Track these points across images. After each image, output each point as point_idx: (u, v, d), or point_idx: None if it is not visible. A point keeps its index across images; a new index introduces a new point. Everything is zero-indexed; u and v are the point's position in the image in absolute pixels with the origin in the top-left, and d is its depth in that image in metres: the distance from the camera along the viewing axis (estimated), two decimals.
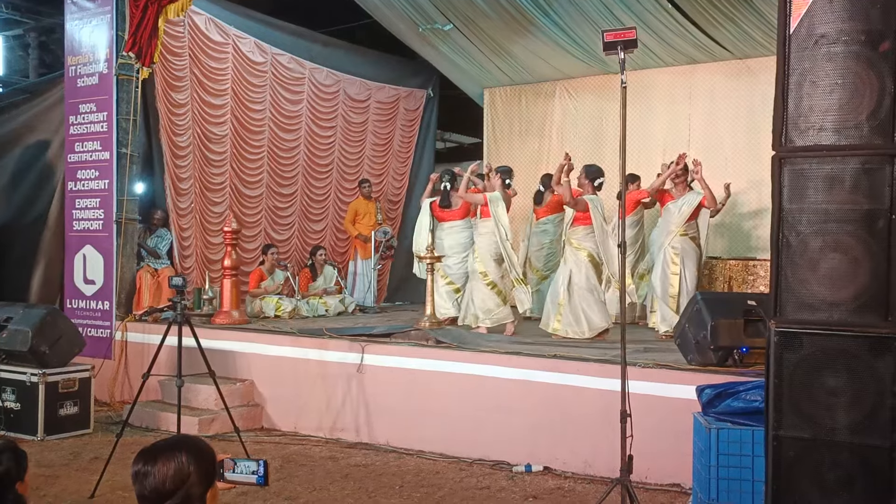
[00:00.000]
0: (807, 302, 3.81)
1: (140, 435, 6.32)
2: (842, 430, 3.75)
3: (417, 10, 9.69)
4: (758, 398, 4.34)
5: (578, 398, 5.59)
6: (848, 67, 3.71)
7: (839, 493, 3.76)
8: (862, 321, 3.70)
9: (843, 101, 3.73)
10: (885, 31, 3.68)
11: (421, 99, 12.12)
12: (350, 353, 6.64)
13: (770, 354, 3.88)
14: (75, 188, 8.32)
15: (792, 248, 3.84)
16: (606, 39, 3.94)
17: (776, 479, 3.89)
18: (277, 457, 5.97)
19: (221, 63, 9.42)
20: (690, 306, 5.68)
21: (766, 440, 3.93)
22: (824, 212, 3.77)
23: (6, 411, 6.60)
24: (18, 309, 6.91)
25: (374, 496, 5.08)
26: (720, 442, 4.39)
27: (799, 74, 3.83)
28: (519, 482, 5.39)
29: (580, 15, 9.13)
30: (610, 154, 10.41)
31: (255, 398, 7.09)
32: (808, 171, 3.81)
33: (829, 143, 3.77)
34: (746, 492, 4.33)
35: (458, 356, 6.23)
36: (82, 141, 8.28)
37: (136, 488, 2.05)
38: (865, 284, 3.70)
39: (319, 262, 9.77)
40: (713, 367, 5.27)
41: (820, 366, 3.78)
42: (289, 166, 10.44)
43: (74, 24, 8.38)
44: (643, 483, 5.08)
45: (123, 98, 8.09)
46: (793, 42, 3.84)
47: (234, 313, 7.80)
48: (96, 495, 4.97)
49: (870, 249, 3.69)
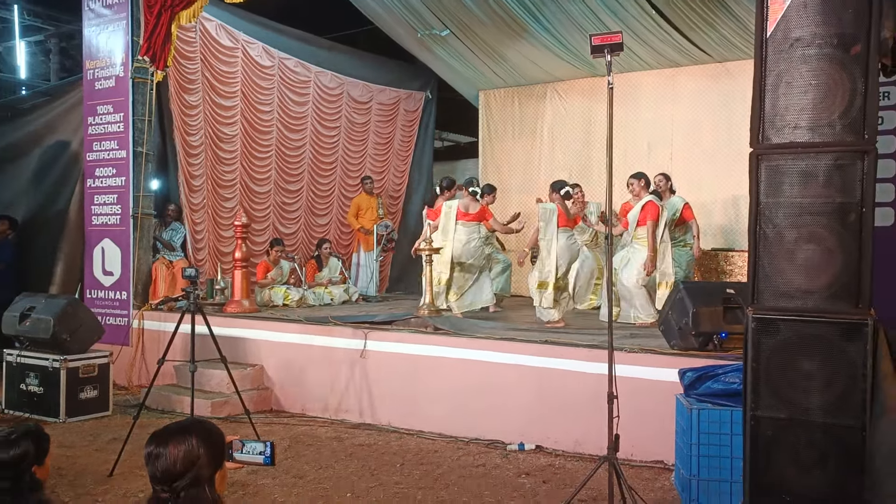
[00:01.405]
0: (783, 290, 3.81)
1: (156, 417, 6.31)
2: (816, 410, 3.75)
3: (416, 16, 9.66)
4: (736, 381, 4.34)
5: (568, 381, 5.58)
6: (821, 69, 3.70)
7: (813, 470, 3.76)
8: (835, 308, 3.70)
9: (816, 101, 3.72)
10: (857, 34, 3.66)
11: (420, 101, 12.08)
12: (354, 339, 6.63)
13: (748, 339, 3.88)
14: (94, 185, 8.29)
15: (769, 240, 3.83)
16: (594, 43, 3.91)
17: (754, 456, 3.89)
18: (286, 437, 5.97)
19: (231, 67, 9.38)
20: (674, 294, 5.67)
21: (744, 420, 3.93)
22: (799, 205, 3.76)
23: (30, 395, 6.60)
24: (41, 299, 6.90)
25: (376, 474, 5.08)
26: (701, 422, 4.39)
27: (775, 76, 3.81)
28: (513, 460, 5.39)
29: (569, 20, 9.10)
30: (598, 152, 10.42)
31: (265, 382, 7.08)
32: (784, 167, 3.80)
33: (803, 140, 3.75)
34: (725, 468, 4.33)
35: (455, 342, 6.22)
36: (100, 140, 8.25)
37: (148, 469, 2.04)
38: (838, 274, 3.70)
39: (325, 254, 9.76)
40: (695, 352, 5.26)
41: (795, 350, 3.77)
42: (295, 164, 10.41)
43: (92, 30, 8.35)
44: (629, 460, 5.09)
45: (139, 100, 8.06)
46: (769, 45, 3.82)
47: (244, 302, 7.79)
48: (115, 474, 4.97)
49: (842, 241, 3.68)
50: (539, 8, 8.97)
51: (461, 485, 4.85)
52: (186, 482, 2.00)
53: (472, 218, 7.86)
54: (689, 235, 7.99)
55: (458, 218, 7.81)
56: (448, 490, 4.75)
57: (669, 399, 4.88)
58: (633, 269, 7.26)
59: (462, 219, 7.82)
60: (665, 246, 7.41)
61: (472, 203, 7.90)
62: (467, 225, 7.84)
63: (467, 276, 7.88)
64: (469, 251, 7.81)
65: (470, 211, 7.85)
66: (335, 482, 4.91)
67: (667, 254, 7.42)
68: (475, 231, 7.88)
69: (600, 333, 5.99)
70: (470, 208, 7.86)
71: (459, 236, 7.78)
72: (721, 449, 4.35)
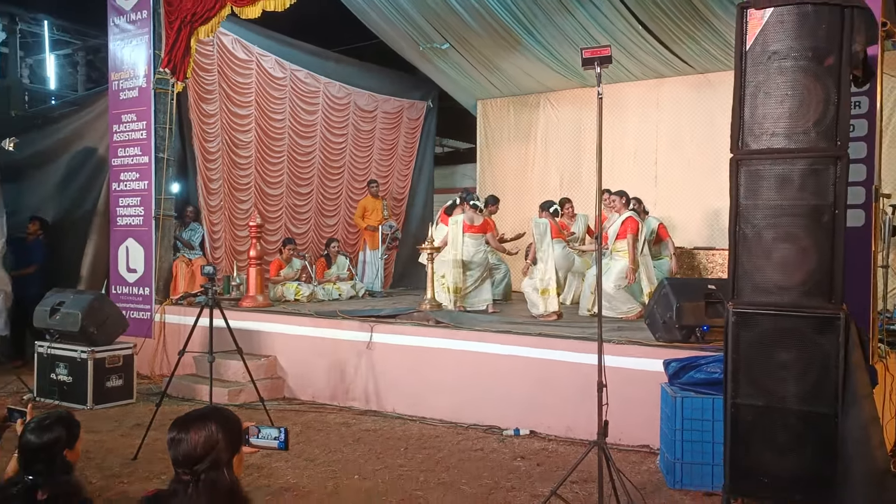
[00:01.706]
0: (760, 286, 3.81)
1: (177, 404, 6.30)
2: (791, 398, 3.75)
3: (418, 30, 9.65)
4: (717, 370, 4.34)
5: (560, 371, 5.58)
6: (797, 80, 3.70)
7: (789, 454, 3.77)
8: (809, 303, 3.70)
9: (792, 110, 3.72)
10: (830, 47, 3.66)
11: (422, 109, 12.06)
12: (360, 332, 6.62)
13: (728, 332, 3.88)
14: (118, 188, 8.28)
15: (748, 239, 3.84)
16: (585, 56, 3.91)
17: (734, 441, 3.89)
18: (297, 423, 5.96)
19: (246, 78, 9.37)
20: (658, 290, 5.67)
21: (724, 407, 3.93)
22: (776, 207, 3.77)
23: (60, 384, 6.59)
24: (69, 294, 6.90)
25: (382, 457, 5.08)
26: (684, 409, 4.40)
27: (754, 86, 3.81)
28: (509, 444, 5.39)
29: (561, 34, 9.08)
30: (587, 157, 10.41)
31: (278, 372, 7.07)
32: (762, 172, 3.80)
33: (780, 146, 3.76)
34: (707, 452, 4.33)
35: (455, 334, 6.22)
36: (124, 147, 8.24)
37: (170, 453, 2.03)
38: (812, 271, 3.70)
39: (333, 252, 9.75)
40: (678, 344, 5.26)
41: (772, 342, 3.78)
42: (306, 168, 10.40)
43: (117, 44, 8.33)
44: (617, 444, 5.08)
45: (160, 109, 8.05)
46: (748, 58, 3.82)
47: (258, 297, 7.78)
48: (139, 457, 4.96)
49: (816, 240, 3.68)
50: (532, 23, 8.96)
51: (461, 467, 4.85)
52: (206, 465, 2.00)
53: (478, 230, 7.93)
54: (665, 251, 8.17)
55: (465, 231, 7.87)
56: (448, 472, 4.74)
57: (655, 388, 4.88)
58: (612, 275, 7.22)
59: (468, 231, 7.88)
60: (646, 258, 7.55)
61: (476, 216, 7.96)
62: (474, 237, 7.90)
63: (470, 281, 7.91)
64: (476, 261, 7.88)
65: (475, 223, 7.93)
66: (343, 465, 4.90)
67: (648, 265, 7.57)
68: (481, 242, 7.94)
69: (590, 326, 5.99)
70: (475, 220, 7.94)
71: (468, 248, 7.85)
72: (703, 434, 4.35)
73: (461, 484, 4.52)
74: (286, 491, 4.38)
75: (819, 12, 3.66)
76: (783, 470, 3.76)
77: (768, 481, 3.81)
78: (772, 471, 3.79)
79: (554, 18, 8.76)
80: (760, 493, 3.90)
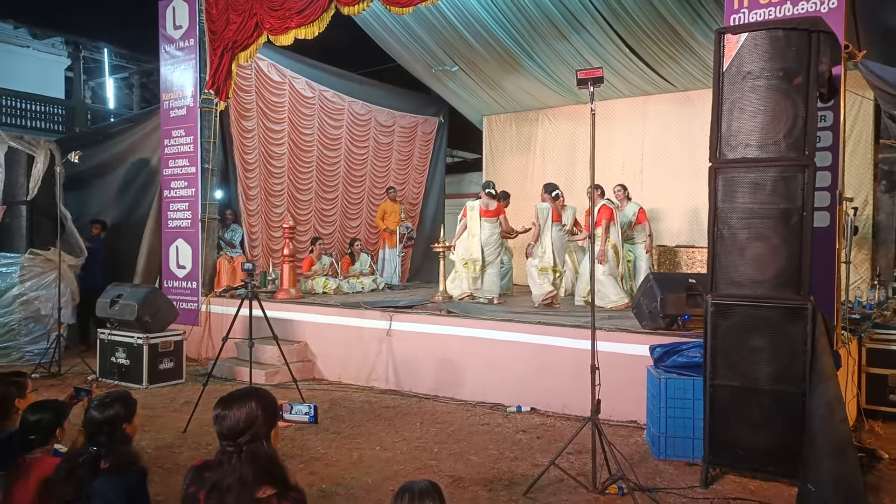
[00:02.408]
0: (736, 280, 3.79)
1: (221, 384, 6.33)
2: (764, 379, 3.73)
3: (431, 55, 9.64)
4: (698, 355, 4.32)
5: (558, 355, 5.56)
6: (769, 97, 3.68)
7: (762, 428, 3.75)
8: (780, 295, 3.68)
9: (765, 124, 3.70)
10: (799, 68, 3.64)
11: (434, 124, 12.05)
12: (381, 320, 6.63)
13: (707, 321, 3.87)
14: (169, 195, 8.32)
15: (724, 239, 3.82)
16: (579, 77, 3.89)
17: (712, 418, 3.88)
18: (326, 401, 5.98)
19: (280, 97, 9.38)
20: (644, 283, 5.64)
21: (704, 388, 3.92)
22: (750, 210, 3.75)
23: (119, 366, 6.64)
24: (127, 288, 6.94)
25: (400, 431, 5.08)
26: (668, 389, 4.37)
27: (730, 103, 3.79)
28: (512, 419, 5.38)
29: (557, 57, 9.05)
30: (581, 166, 10.37)
31: (308, 356, 7.09)
32: (738, 179, 3.78)
33: (753, 156, 3.74)
34: (688, 427, 4.31)
35: (465, 323, 6.21)
36: (174, 159, 8.28)
37: (216, 427, 2.04)
38: (783, 266, 3.68)
39: (356, 250, 9.76)
40: (662, 331, 5.23)
41: (746, 330, 3.76)
42: (332, 176, 10.41)
43: (167, 68, 8.37)
44: (608, 420, 5.06)
45: (205, 125, 8.08)
46: (725, 77, 3.80)
47: (291, 290, 7.80)
48: (188, 430, 4.99)
49: (786, 239, 3.66)
50: (532, 47, 8.93)
51: (469, 440, 4.84)
52: (248, 438, 2.00)
53: (493, 214, 7.86)
54: (640, 235, 8.06)
55: (482, 215, 7.82)
56: (459, 444, 4.74)
57: (642, 370, 4.86)
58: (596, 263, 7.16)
59: (485, 216, 7.82)
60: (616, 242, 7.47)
61: (491, 201, 7.89)
62: (490, 220, 7.84)
63: (489, 258, 7.84)
64: (492, 242, 7.79)
65: (490, 208, 7.85)
66: (366, 437, 4.91)
67: (619, 248, 7.53)
68: (496, 225, 7.88)
69: (584, 315, 5.97)
70: (490, 206, 7.85)
71: (485, 231, 7.77)
72: (685, 411, 4.33)
73: (470, 454, 4.52)
74: (316, 460, 4.40)
75: (789, 36, 3.64)
76: (757, 443, 3.75)
77: (743, 453, 3.80)
78: (746, 444, 3.77)
79: (551, 43, 8.73)
80: (736, 463, 3.89)
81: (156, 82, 10.76)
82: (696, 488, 3.86)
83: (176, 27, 8.25)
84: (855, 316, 5.63)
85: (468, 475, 4.12)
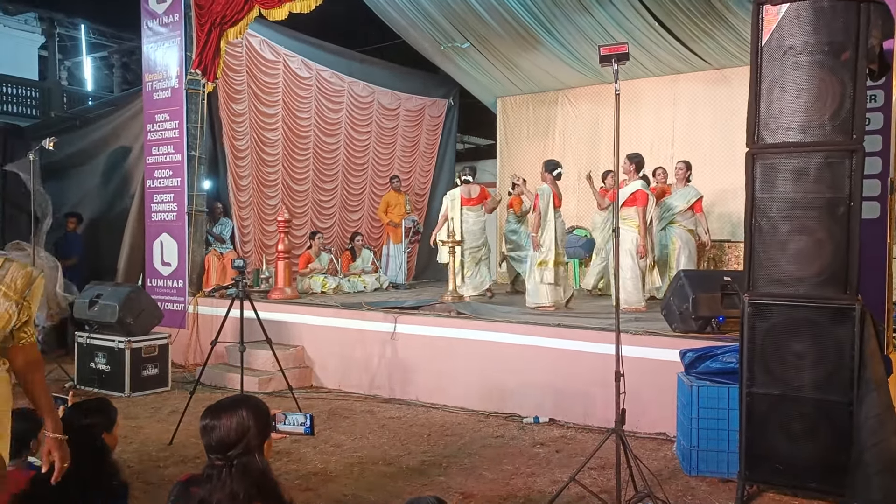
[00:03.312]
0: (776, 278, 3.77)
1: (210, 392, 6.37)
2: (806, 387, 3.71)
3: (439, 30, 9.63)
4: (733, 360, 4.30)
5: (579, 360, 5.56)
6: (813, 74, 3.65)
7: (803, 442, 3.73)
8: (824, 294, 3.66)
9: (808, 104, 3.68)
10: (846, 42, 3.60)
11: (443, 107, 12.05)
12: (385, 322, 6.65)
13: (744, 323, 3.85)
14: (153, 185, 8.37)
15: (763, 232, 3.80)
16: (602, 53, 3.87)
17: (749, 429, 3.86)
18: (324, 410, 6.01)
19: (273, 78, 9.42)
20: (675, 282, 5.62)
21: (740, 396, 3.90)
22: (792, 200, 3.73)
23: (98, 372, 6.69)
24: (107, 287, 6.99)
25: (406, 444, 5.10)
26: (700, 397, 4.36)
27: (770, 81, 3.77)
28: (528, 431, 5.38)
29: (578, 33, 9.02)
30: (604, 152, 10.33)
31: (305, 361, 7.13)
32: (778, 165, 3.76)
33: (795, 140, 3.71)
34: (723, 440, 4.30)
35: (476, 325, 6.22)
36: (158, 145, 8.33)
37: (203, 440, 2.05)
38: (827, 262, 3.65)
39: (358, 246, 9.80)
40: (694, 334, 5.22)
41: (787, 332, 3.74)
42: (331, 165, 10.44)
43: (150, 46, 8.41)
44: (634, 432, 5.05)
45: (192, 109, 8.11)
46: (764, 53, 3.77)
47: (286, 290, 7.84)
48: (174, 442, 5.03)
49: (831, 232, 3.64)
50: (551, 21, 8.91)
51: (482, 454, 4.85)
52: (239, 451, 2.02)
53: (476, 201, 7.87)
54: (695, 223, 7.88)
55: (464, 204, 7.82)
56: (471, 458, 4.75)
57: (671, 377, 4.84)
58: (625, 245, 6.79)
59: (467, 204, 7.83)
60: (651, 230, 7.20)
61: (473, 188, 7.89)
62: (472, 209, 7.86)
63: (469, 261, 7.87)
64: (475, 233, 7.81)
65: (472, 195, 7.85)
66: (369, 451, 4.93)
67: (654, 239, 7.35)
68: (480, 213, 7.88)
69: (608, 317, 5.96)
70: (472, 192, 7.86)
71: (468, 221, 7.79)
72: (719, 422, 4.31)
73: (482, 469, 4.52)
74: (314, 475, 4.42)
75: (835, 7, 3.61)
76: (798, 457, 3.73)
77: (783, 468, 3.78)
78: (786, 458, 3.76)
79: (572, 17, 8.70)
80: (775, 480, 3.87)
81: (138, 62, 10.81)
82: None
83: (159, 1, 8.29)
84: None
85: (480, 492, 4.13)
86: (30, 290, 2.28)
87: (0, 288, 2.24)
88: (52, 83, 15.89)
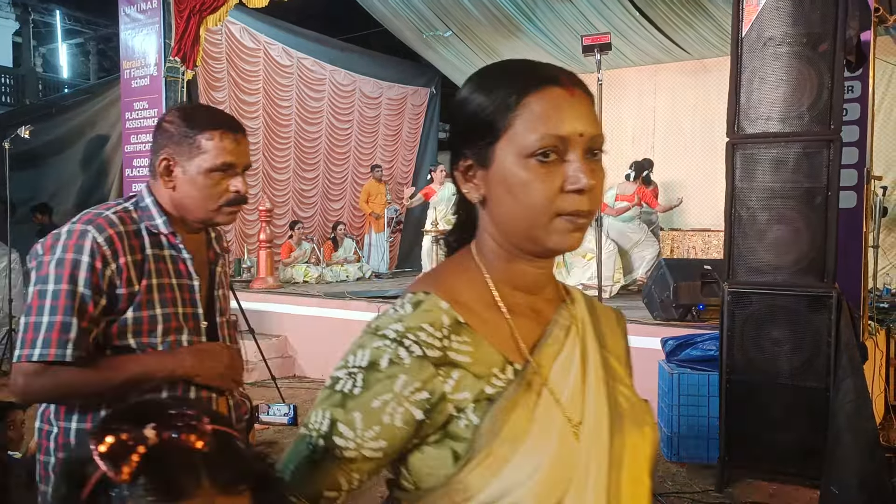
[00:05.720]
0: (755, 266, 3.82)
1: None
2: (784, 374, 3.77)
3: (421, 19, 9.58)
4: (713, 348, 4.35)
5: None
6: (792, 65, 3.68)
7: (782, 427, 3.79)
8: (802, 282, 3.71)
9: (787, 95, 3.71)
10: (824, 34, 3.64)
11: (425, 96, 12.02)
12: (368, 311, 6.64)
13: (723, 311, 3.90)
14: (132, 174, 8.27)
15: (742, 221, 3.84)
16: (585, 43, 3.89)
17: (728, 416, 3.92)
18: (307, 400, 5.99)
19: (254, 66, 9.33)
20: (656, 270, 5.67)
21: (720, 383, 3.95)
22: (770, 189, 3.77)
23: None
24: None
25: None
26: (681, 385, 4.41)
27: (749, 72, 3.80)
28: None
29: (560, 21, 9.02)
30: None
31: (288, 351, 7.11)
32: (757, 155, 3.80)
33: (774, 130, 3.75)
34: (703, 427, 4.35)
35: None
36: (137, 134, 8.22)
37: None
38: (805, 251, 3.70)
39: (340, 235, 9.77)
40: (675, 322, 5.28)
41: (766, 320, 3.79)
42: (312, 154, 10.39)
43: (128, 33, 8.29)
44: None
45: (171, 97, 8.01)
46: (744, 44, 3.80)
47: (269, 279, 7.80)
48: None
49: (809, 221, 3.68)
50: (532, 10, 8.90)
51: None
52: None
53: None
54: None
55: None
56: None
57: (652, 365, 4.89)
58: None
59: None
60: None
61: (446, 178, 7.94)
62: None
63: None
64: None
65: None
66: None
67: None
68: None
69: None
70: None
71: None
72: (699, 409, 4.37)
73: None
74: None
75: None
76: (776, 443, 3.79)
77: (762, 454, 3.85)
78: (765, 443, 3.82)
79: (554, 6, 8.70)
80: (755, 465, 3.94)
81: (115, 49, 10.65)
82: (711, 492, 3.91)
83: None
84: (883, 305, 5.70)
85: None
86: None
87: None
88: (26, 70, 15.62)
